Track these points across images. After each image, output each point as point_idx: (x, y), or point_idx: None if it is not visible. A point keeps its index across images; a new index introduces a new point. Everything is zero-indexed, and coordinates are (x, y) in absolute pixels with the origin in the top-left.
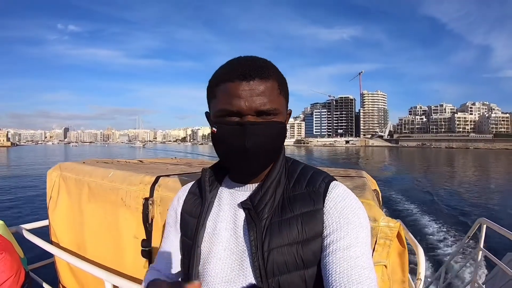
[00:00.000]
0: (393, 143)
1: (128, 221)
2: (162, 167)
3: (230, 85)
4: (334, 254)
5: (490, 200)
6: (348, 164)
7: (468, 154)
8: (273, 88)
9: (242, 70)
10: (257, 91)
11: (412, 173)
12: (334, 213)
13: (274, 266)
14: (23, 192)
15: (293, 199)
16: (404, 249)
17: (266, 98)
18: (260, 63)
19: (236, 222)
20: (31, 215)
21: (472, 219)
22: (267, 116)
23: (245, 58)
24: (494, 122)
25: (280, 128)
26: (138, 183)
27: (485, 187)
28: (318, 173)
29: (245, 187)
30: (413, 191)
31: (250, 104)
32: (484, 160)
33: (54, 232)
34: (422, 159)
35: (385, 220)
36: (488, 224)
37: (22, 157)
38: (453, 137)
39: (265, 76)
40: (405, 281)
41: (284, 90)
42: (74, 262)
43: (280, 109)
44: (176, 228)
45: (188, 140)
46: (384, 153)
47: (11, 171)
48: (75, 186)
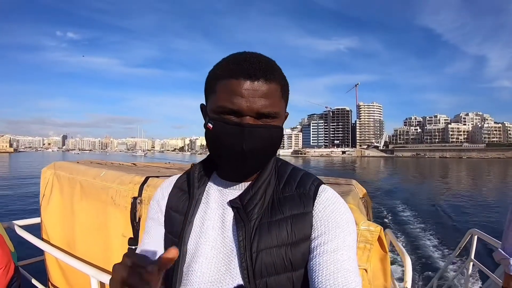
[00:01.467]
0: (388, 153)
1: (117, 219)
2: (154, 170)
3: (233, 82)
4: (321, 257)
5: (483, 210)
6: (343, 174)
7: (462, 164)
8: (276, 90)
9: (248, 68)
10: (260, 92)
11: (406, 182)
12: (323, 216)
13: (263, 267)
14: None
15: (283, 201)
16: (386, 254)
17: (268, 101)
18: (266, 63)
19: (224, 221)
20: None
21: (465, 229)
22: (266, 119)
23: (252, 55)
24: (487, 132)
25: (278, 132)
26: (128, 182)
27: (478, 197)
28: (308, 175)
29: (235, 186)
30: (407, 199)
31: (251, 105)
32: (477, 169)
33: (45, 229)
34: (417, 168)
35: (365, 224)
36: (479, 235)
37: (30, 161)
38: (446, 147)
39: (270, 78)
40: (387, 286)
41: (286, 93)
42: (63, 258)
43: (281, 112)
44: (159, 222)
45: (186, 150)
46: (379, 163)
47: (24, 175)
48: (68, 185)
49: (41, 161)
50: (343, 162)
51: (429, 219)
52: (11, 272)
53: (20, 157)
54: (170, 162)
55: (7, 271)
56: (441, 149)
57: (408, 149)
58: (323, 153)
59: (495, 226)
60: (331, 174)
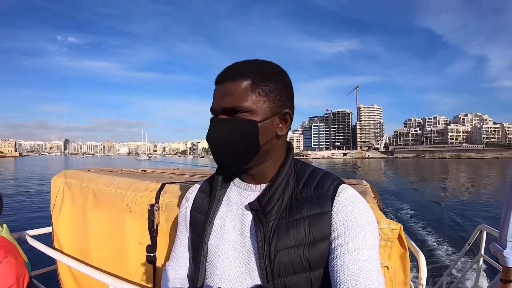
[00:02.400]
0: (388, 154)
1: (133, 227)
2: (166, 176)
3: (215, 88)
4: (342, 257)
5: (490, 206)
6: (345, 175)
7: (461, 164)
8: (244, 86)
9: (220, 74)
10: (226, 91)
11: (408, 181)
12: (342, 216)
13: (281, 267)
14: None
15: (301, 201)
16: (406, 251)
17: (233, 97)
18: (237, 65)
19: (244, 222)
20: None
21: (473, 225)
22: (237, 115)
23: (234, 63)
24: (486, 133)
25: (245, 126)
26: (143, 189)
27: (483, 194)
28: (327, 176)
29: (254, 188)
30: (412, 199)
31: (219, 104)
32: (477, 169)
33: (57, 238)
34: (417, 169)
35: (386, 222)
36: (488, 231)
37: (38, 165)
38: (446, 148)
39: (236, 77)
40: (407, 283)
41: (262, 88)
42: (77, 266)
43: (253, 107)
44: (186, 227)
45: (188, 153)
46: (380, 164)
47: (35, 179)
48: (80, 193)
49: (48, 166)
50: (344, 164)
51: (434, 218)
52: (26, 282)
53: (26, 161)
54: (178, 167)
55: (23, 282)
56: (440, 150)
57: (408, 150)
58: (324, 155)
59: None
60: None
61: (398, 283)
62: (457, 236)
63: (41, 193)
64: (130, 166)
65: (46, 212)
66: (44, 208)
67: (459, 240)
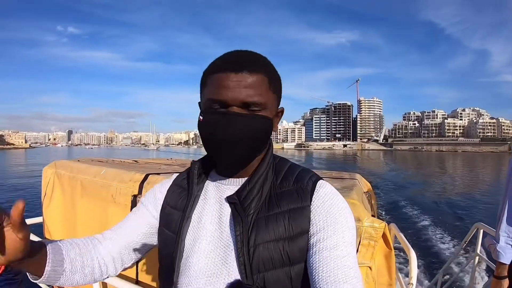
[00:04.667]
0: (387, 146)
1: (117, 217)
2: (155, 167)
3: (220, 76)
4: (320, 253)
5: (487, 203)
6: (344, 165)
7: (457, 157)
8: (262, 81)
9: (233, 61)
10: (245, 82)
11: (405, 173)
12: (321, 212)
13: (260, 262)
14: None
15: (280, 196)
16: (390, 250)
17: (253, 91)
18: (251, 57)
19: (222, 216)
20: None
21: (469, 222)
22: (253, 109)
23: (238, 51)
24: (482, 127)
25: (264, 123)
26: (128, 180)
27: (481, 190)
28: (305, 171)
29: (232, 182)
30: (409, 193)
31: (236, 95)
32: (472, 162)
33: (47, 228)
34: (415, 161)
35: (369, 220)
36: (484, 229)
37: (57, 155)
38: (443, 141)
39: (255, 69)
40: (392, 284)
41: (274, 86)
42: None
43: (268, 104)
44: (148, 211)
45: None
46: (379, 156)
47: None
48: (69, 184)
49: (64, 156)
50: (344, 155)
51: (431, 212)
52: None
53: (37, 153)
54: (172, 158)
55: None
56: (437, 143)
57: (406, 143)
58: (325, 146)
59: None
60: (333, 165)
61: (382, 283)
62: (457, 231)
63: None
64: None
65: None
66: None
67: (456, 234)
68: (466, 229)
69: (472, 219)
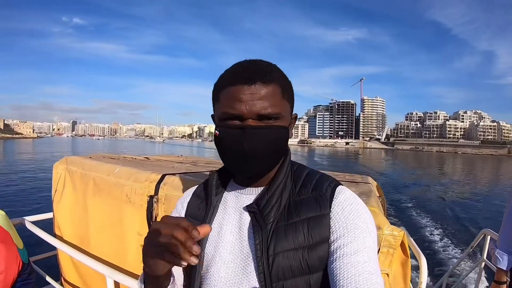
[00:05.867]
0: (389, 145)
1: (132, 217)
2: (168, 165)
3: (233, 89)
4: (341, 260)
5: (496, 209)
6: (347, 162)
7: (457, 158)
8: (275, 92)
9: (244, 74)
10: (259, 95)
11: (407, 174)
12: (341, 218)
13: (279, 270)
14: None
15: (299, 204)
16: (407, 258)
17: (268, 102)
18: (263, 67)
19: (241, 225)
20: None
21: (478, 228)
22: (268, 120)
23: (249, 62)
24: (482, 130)
25: (281, 133)
26: (143, 180)
27: (481, 192)
28: (324, 177)
29: (251, 191)
30: (410, 193)
31: (251, 108)
32: (472, 164)
33: (58, 225)
34: (416, 161)
35: (389, 229)
36: (492, 235)
37: (64, 147)
38: (444, 142)
39: (267, 80)
40: None
41: (287, 94)
42: (76, 255)
43: (283, 113)
44: None
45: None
46: (380, 155)
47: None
48: (81, 181)
49: (75, 147)
50: (346, 152)
51: (439, 217)
52: (18, 269)
53: (45, 142)
54: (182, 155)
55: (15, 269)
56: (438, 144)
57: (407, 143)
58: (328, 144)
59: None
60: (336, 162)
61: None
62: (464, 236)
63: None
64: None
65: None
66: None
67: (467, 241)
68: (459, 231)
69: (472, 223)
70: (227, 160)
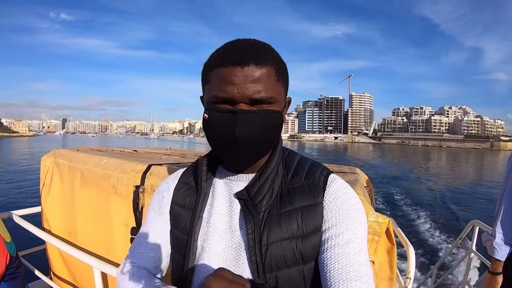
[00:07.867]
0: (376, 140)
1: (119, 208)
2: (156, 157)
3: (224, 71)
4: (332, 250)
5: (485, 201)
6: (336, 155)
7: (442, 152)
8: (270, 74)
9: (237, 55)
10: (252, 77)
11: (394, 167)
12: (334, 208)
13: (273, 261)
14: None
15: (292, 192)
16: (393, 245)
17: (261, 86)
18: (257, 47)
19: (232, 214)
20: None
21: (467, 219)
22: (261, 105)
23: (242, 41)
24: (466, 125)
25: (275, 118)
26: (130, 171)
27: (466, 183)
28: (316, 165)
29: (241, 177)
30: (398, 185)
31: (243, 92)
32: (455, 156)
33: (46, 218)
34: (402, 154)
35: (374, 216)
36: (480, 226)
37: (60, 145)
38: (429, 136)
39: (261, 62)
40: (392, 278)
41: (282, 77)
42: (65, 248)
43: (277, 97)
44: (161, 214)
45: (186, 133)
46: (368, 149)
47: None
48: (68, 173)
49: (74, 143)
50: (335, 147)
51: (429, 209)
52: (6, 263)
53: (43, 140)
54: (171, 147)
55: (3, 262)
56: (424, 138)
57: (394, 137)
58: (317, 138)
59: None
60: (325, 155)
61: (384, 277)
62: (453, 227)
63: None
64: (140, 145)
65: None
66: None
67: (456, 231)
68: (447, 221)
69: (459, 214)
70: (216, 147)
